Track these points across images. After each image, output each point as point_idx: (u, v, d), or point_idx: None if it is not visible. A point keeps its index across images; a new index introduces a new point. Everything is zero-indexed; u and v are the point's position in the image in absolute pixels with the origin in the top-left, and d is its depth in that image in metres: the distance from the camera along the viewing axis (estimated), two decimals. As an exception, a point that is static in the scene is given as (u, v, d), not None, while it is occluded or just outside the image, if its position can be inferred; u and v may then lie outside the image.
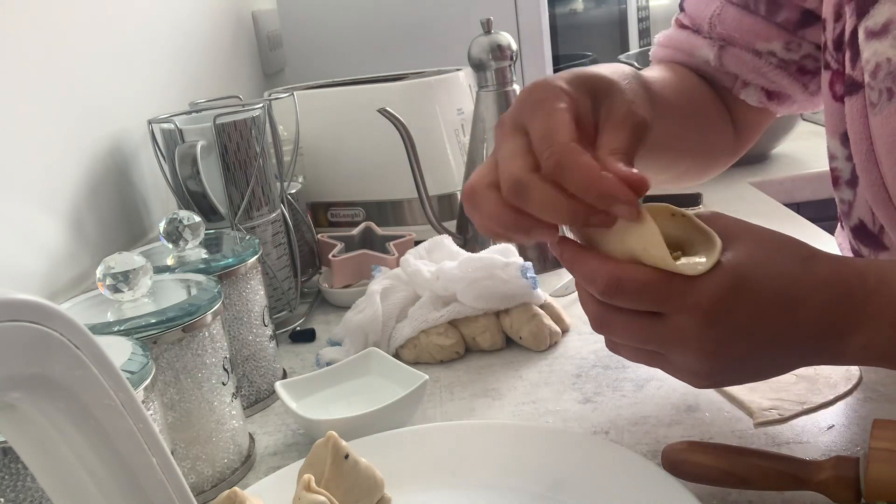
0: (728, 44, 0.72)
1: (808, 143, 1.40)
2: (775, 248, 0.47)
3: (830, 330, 0.46)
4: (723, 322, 0.45)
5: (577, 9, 1.33)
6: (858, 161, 0.60)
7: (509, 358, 0.75)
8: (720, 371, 0.47)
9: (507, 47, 0.94)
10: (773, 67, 0.72)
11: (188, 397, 0.59)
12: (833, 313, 0.46)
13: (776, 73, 0.72)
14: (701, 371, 0.47)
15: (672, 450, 0.50)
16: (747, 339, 0.46)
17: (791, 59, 0.71)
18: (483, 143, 0.96)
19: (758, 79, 0.73)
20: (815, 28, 0.69)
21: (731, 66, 0.73)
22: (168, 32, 1.05)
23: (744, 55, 0.72)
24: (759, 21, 0.70)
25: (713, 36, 0.73)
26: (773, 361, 0.48)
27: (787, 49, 0.71)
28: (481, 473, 0.56)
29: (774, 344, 0.47)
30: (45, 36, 0.79)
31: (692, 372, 0.48)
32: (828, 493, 0.46)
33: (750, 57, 0.72)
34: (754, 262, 0.46)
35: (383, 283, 0.80)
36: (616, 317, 0.48)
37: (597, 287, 0.46)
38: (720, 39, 0.72)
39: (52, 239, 0.76)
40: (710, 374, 0.48)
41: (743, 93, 0.74)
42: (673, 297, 0.45)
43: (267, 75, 1.37)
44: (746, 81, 0.73)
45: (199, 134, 0.80)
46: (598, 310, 0.48)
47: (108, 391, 0.30)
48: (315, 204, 1.12)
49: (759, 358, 0.47)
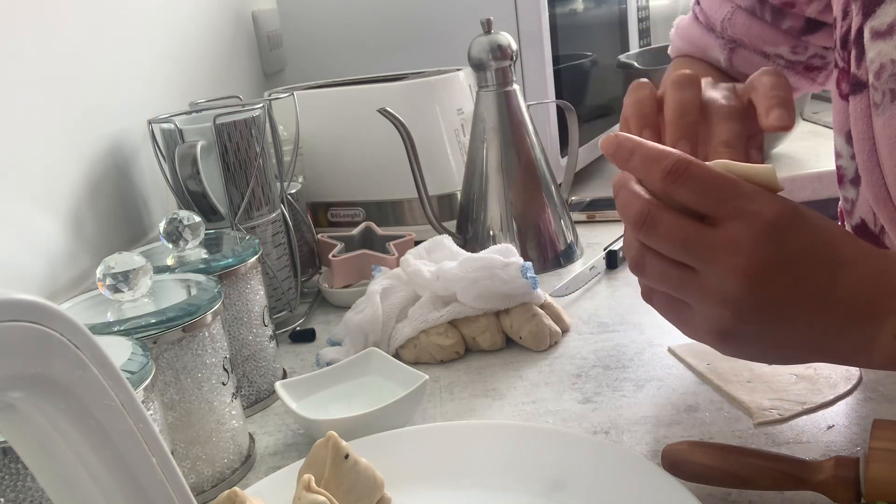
0: (738, 46, 0.75)
1: (808, 143, 1.40)
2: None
3: (866, 308, 0.44)
4: (778, 242, 0.43)
5: (577, 9, 1.32)
6: (861, 160, 0.60)
7: (509, 358, 0.75)
8: (750, 314, 0.44)
9: (507, 47, 0.94)
10: (780, 68, 0.74)
11: (188, 397, 0.59)
12: (871, 289, 0.44)
13: (784, 72, 0.73)
14: (734, 308, 0.44)
15: (672, 450, 0.50)
16: (792, 279, 0.43)
17: (798, 60, 0.74)
18: (483, 143, 0.96)
19: None
20: (820, 34, 0.72)
21: (741, 67, 0.76)
22: (168, 32, 1.05)
23: (753, 57, 0.75)
24: (766, 27, 0.73)
25: (724, 37, 0.76)
26: (802, 327, 0.45)
27: (793, 52, 0.74)
28: (481, 473, 0.56)
29: (812, 300, 0.44)
30: (45, 36, 0.79)
31: (719, 317, 0.45)
32: (828, 493, 0.46)
33: (759, 59, 0.75)
34: (810, 212, 0.45)
35: (383, 283, 0.80)
36: (656, 256, 0.46)
37: (664, 164, 0.44)
38: (731, 41, 0.76)
39: (52, 239, 0.76)
40: (738, 318, 0.44)
41: None
42: (739, 197, 0.43)
43: (267, 75, 1.37)
44: None
45: (199, 134, 0.80)
46: (641, 249, 0.47)
47: (108, 391, 0.30)
48: (315, 204, 1.12)
49: (793, 314, 0.44)
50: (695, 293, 0.45)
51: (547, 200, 0.96)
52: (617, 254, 0.93)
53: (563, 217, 0.98)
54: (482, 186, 0.96)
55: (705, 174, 0.44)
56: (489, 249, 0.80)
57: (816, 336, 0.45)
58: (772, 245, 0.43)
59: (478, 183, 0.96)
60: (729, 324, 0.45)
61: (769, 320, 0.45)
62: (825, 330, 0.45)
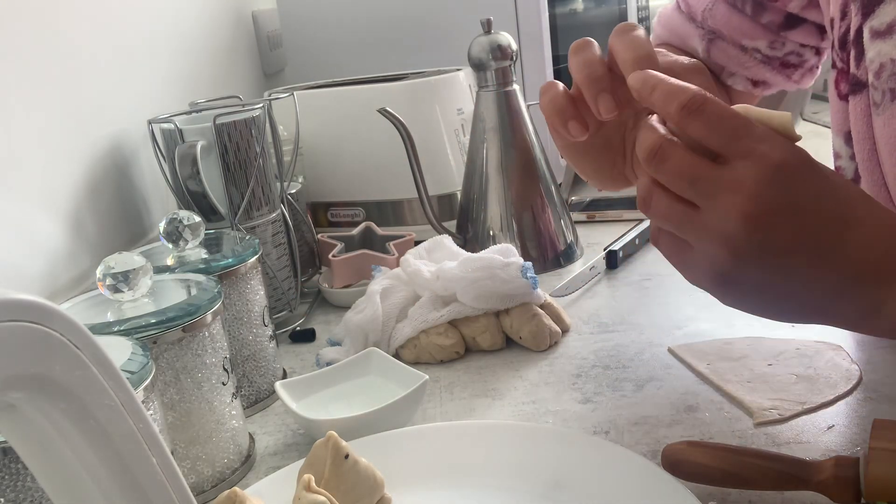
0: (717, 37, 0.75)
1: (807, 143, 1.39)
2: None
3: (876, 270, 0.43)
4: (783, 186, 0.42)
5: (577, 9, 1.32)
6: (861, 160, 0.60)
7: (509, 358, 0.75)
8: (749, 257, 0.43)
9: (507, 47, 0.94)
10: (757, 62, 0.75)
11: (188, 397, 0.59)
12: (882, 251, 0.43)
13: (760, 67, 0.75)
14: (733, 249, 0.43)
15: (672, 450, 0.50)
16: (796, 227, 0.43)
17: (775, 55, 0.75)
18: (483, 143, 0.96)
19: (743, 71, 0.76)
20: (799, 30, 0.72)
21: (718, 59, 0.76)
22: (168, 32, 1.05)
23: (730, 49, 0.75)
24: (746, 20, 0.73)
25: (704, 27, 0.76)
26: (806, 281, 0.44)
27: (770, 48, 0.74)
28: (481, 473, 0.56)
29: (815, 256, 0.43)
30: (45, 36, 0.79)
31: (717, 257, 0.44)
32: (828, 493, 0.46)
33: (736, 52, 0.75)
34: (824, 166, 0.45)
35: (383, 283, 0.80)
36: (663, 192, 0.46)
37: (682, 98, 0.44)
38: (710, 32, 0.76)
39: (52, 239, 0.76)
40: (737, 260, 0.43)
41: (730, 80, 0.78)
42: (749, 137, 0.43)
43: (267, 75, 1.37)
44: (732, 72, 0.77)
45: (199, 134, 0.80)
46: (649, 185, 0.47)
47: (108, 391, 0.30)
48: (315, 204, 1.12)
49: (795, 265, 0.43)
50: (696, 231, 0.45)
51: (547, 200, 0.96)
52: (617, 254, 0.93)
53: (563, 217, 0.98)
54: (482, 186, 0.96)
55: (720, 110, 0.44)
56: (489, 249, 0.80)
57: (820, 294, 0.44)
58: (775, 188, 0.42)
59: (478, 183, 0.96)
60: (727, 266, 0.44)
61: (769, 268, 0.44)
62: (830, 288, 0.44)
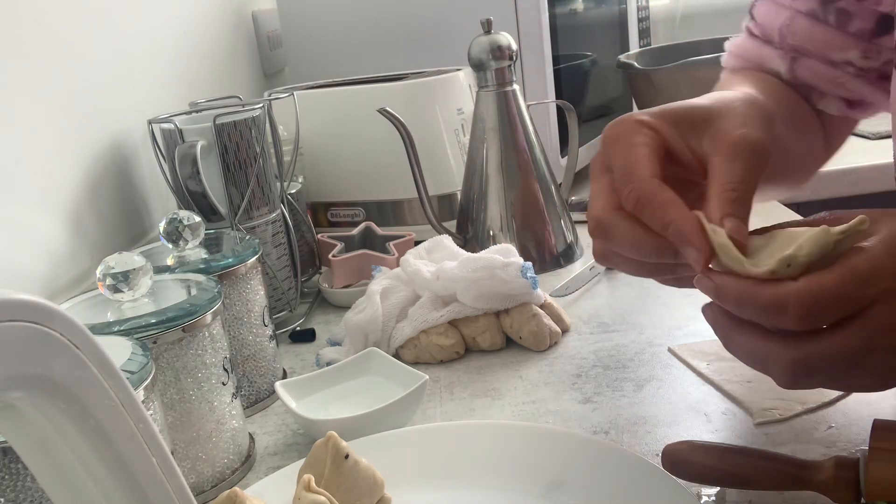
0: (801, 55, 0.67)
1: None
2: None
3: None
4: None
5: (577, 9, 1.32)
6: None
7: (509, 358, 0.75)
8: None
9: (507, 47, 0.94)
10: (851, 77, 0.66)
11: (188, 397, 0.59)
12: None
13: (855, 82, 0.67)
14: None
15: (672, 450, 0.50)
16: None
17: (870, 66, 0.66)
18: (483, 143, 0.96)
19: (836, 89, 0.68)
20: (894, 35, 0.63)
21: (806, 78, 0.68)
22: (168, 32, 1.05)
23: (818, 66, 0.67)
24: (831, 31, 0.65)
25: (784, 47, 0.68)
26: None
27: (864, 58, 0.65)
28: (481, 473, 0.56)
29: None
30: (46, 36, 0.79)
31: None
32: (828, 493, 0.46)
33: (825, 68, 0.67)
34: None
35: (383, 283, 0.80)
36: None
37: (790, 314, 0.40)
38: (792, 50, 0.68)
39: (52, 239, 0.76)
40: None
41: (821, 103, 0.69)
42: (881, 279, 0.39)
43: (267, 75, 1.37)
44: (823, 92, 0.69)
45: (199, 134, 0.80)
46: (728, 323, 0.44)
47: (108, 391, 0.30)
48: (315, 204, 1.12)
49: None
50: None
51: (547, 200, 0.96)
52: (617, 254, 0.93)
53: (563, 217, 0.98)
54: (482, 186, 0.96)
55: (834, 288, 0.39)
56: (489, 249, 0.80)
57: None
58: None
59: (478, 183, 0.96)
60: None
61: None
62: None
